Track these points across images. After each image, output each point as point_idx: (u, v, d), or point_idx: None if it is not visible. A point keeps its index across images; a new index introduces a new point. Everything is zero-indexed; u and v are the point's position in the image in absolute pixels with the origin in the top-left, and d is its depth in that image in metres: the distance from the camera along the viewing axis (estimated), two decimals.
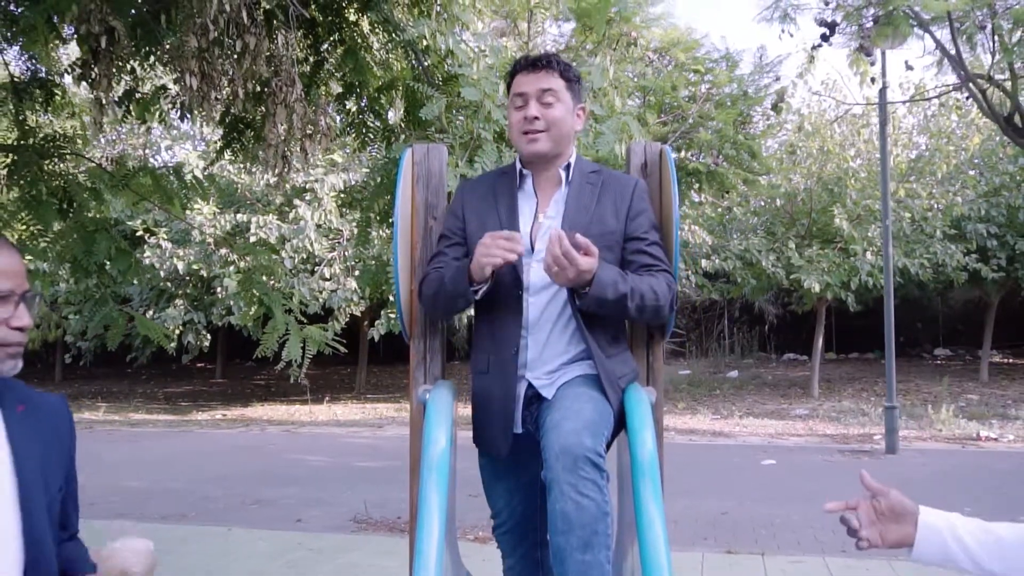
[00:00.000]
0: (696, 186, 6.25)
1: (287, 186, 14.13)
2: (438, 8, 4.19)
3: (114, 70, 3.26)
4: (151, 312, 14.42)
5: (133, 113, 3.83)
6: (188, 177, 4.94)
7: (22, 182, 3.96)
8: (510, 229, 1.86)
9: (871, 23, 5.30)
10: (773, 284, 16.73)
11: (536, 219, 1.96)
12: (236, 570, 5.29)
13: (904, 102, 12.28)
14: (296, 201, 12.57)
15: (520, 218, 1.96)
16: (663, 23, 6.26)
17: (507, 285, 1.88)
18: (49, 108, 5.33)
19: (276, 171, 3.40)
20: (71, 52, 6.38)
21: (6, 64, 5.47)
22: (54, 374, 23.97)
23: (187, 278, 13.91)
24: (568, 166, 1.97)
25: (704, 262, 14.69)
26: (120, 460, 10.21)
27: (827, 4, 5.40)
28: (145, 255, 12.60)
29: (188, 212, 12.55)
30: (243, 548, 5.90)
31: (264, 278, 5.24)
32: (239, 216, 13.18)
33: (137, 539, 1.51)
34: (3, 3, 4.59)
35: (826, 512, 1.53)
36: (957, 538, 1.44)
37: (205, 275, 13.56)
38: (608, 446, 1.79)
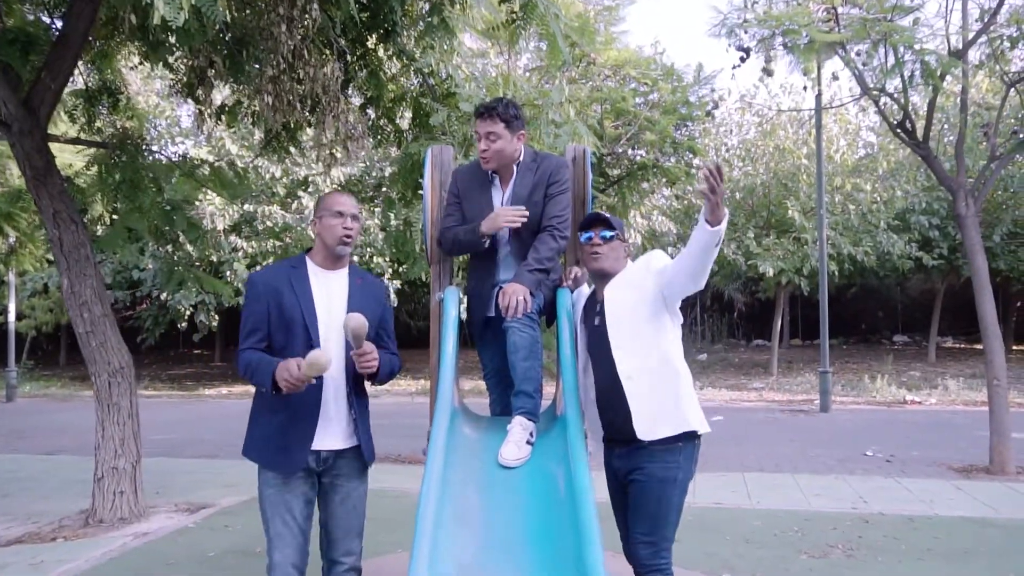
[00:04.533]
0: (646, 179, 7.59)
1: (288, 178, 15.42)
2: (439, 34, 5.40)
3: (212, 90, 4.55)
4: (165, 295, 15.66)
5: (224, 121, 5.13)
6: (239, 168, 6.23)
7: (127, 171, 5.24)
8: (487, 206, 3.15)
9: (780, 48, 6.70)
10: (736, 271, 18.11)
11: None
12: None
13: (827, 108, 13.76)
14: (299, 192, 13.80)
15: (493, 200, 3.29)
16: (617, 45, 7.60)
17: (490, 243, 3.21)
18: (115, 112, 6.60)
19: (326, 164, 4.72)
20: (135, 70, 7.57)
21: (82, 75, 6.71)
22: (59, 357, 25.06)
23: (197, 263, 15.08)
24: (517, 163, 3.20)
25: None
26: (145, 421, 11.46)
27: (745, 32, 6.81)
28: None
29: (199, 202, 13.80)
30: None
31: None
32: (246, 207, 14.41)
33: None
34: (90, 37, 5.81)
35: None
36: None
37: (215, 260, 14.77)
38: (539, 314, 3.14)
